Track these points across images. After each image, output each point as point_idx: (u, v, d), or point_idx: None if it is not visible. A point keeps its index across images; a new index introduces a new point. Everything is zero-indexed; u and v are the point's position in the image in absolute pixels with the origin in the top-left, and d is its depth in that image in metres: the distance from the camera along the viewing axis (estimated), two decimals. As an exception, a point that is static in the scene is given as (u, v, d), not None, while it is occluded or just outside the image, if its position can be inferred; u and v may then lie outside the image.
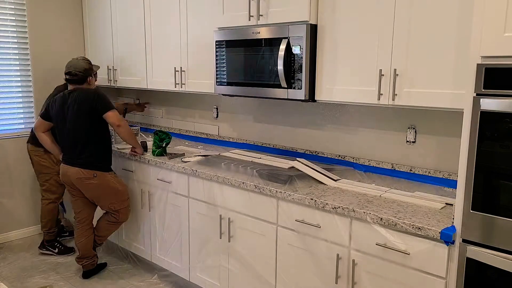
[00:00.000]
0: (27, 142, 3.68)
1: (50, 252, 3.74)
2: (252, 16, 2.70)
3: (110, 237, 3.74)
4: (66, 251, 3.76)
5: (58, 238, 3.84)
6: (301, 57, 2.47)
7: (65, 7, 4.20)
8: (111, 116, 3.07)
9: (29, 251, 3.83)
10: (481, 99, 1.66)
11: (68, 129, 3.10)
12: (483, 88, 1.66)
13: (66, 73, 3.20)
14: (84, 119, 3.06)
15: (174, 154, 3.21)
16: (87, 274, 3.36)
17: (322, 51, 2.49)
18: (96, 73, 3.54)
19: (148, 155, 3.27)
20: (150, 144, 3.47)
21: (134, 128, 3.76)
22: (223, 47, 2.88)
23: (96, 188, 3.14)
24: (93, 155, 3.11)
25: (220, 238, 2.78)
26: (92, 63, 4.13)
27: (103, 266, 3.51)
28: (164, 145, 3.23)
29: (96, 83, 4.29)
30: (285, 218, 2.40)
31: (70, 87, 3.26)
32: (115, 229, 3.38)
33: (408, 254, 1.93)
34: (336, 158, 2.88)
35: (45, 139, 3.28)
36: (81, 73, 3.19)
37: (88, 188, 3.14)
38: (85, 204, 3.28)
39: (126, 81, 3.89)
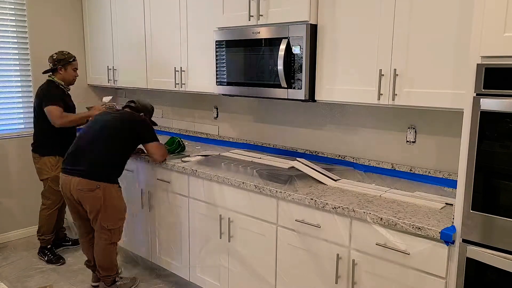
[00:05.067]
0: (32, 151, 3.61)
1: (41, 259, 3.65)
2: (252, 16, 2.70)
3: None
4: (55, 260, 3.58)
5: (50, 246, 3.67)
6: (301, 57, 2.47)
7: (65, 7, 4.20)
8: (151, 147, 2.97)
9: (29, 251, 3.83)
10: (481, 99, 1.66)
11: (97, 137, 2.86)
12: (483, 88, 1.66)
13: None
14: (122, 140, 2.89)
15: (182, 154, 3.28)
16: None
17: (322, 51, 2.49)
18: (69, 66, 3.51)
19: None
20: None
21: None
22: (223, 47, 2.88)
23: (96, 200, 2.82)
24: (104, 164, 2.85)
25: (220, 238, 2.78)
26: (92, 63, 4.15)
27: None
28: (176, 152, 3.32)
29: (97, 83, 4.31)
30: (285, 218, 2.40)
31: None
32: (113, 250, 3.00)
33: (408, 254, 1.93)
34: (336, 158, 2.88)
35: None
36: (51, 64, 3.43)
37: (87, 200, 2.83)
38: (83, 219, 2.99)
39: (126, 81, 3.89)
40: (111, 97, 3.64)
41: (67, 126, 3.43)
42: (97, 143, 2.84)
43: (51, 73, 3.50)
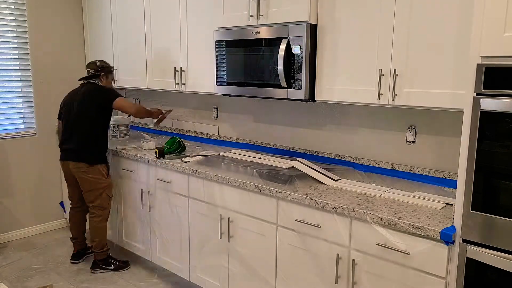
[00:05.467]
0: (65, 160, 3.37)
1: (106, 270, 3.48)
2: (252, 16, 2.70)
3: (110, 237, 3.75)
4: (124, 264, 3.53)
5: (109, 253, 3.55)
6: (301, 57, 2.47)
7: (65, 7, 4.20)
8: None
9: (29, 251, 3.83)
10: (481, 99, 1.66)
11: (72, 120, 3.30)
12: (483, 88, 1.66)
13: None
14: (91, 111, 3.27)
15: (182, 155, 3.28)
16: (93, 264, 3.48)
17: (322, 51, 2.49)
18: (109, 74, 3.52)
19: (148, 154, 3.28)
20: (150, 145, 3.50)
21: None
22: (223, 47, 2.88)
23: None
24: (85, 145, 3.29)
25: (220, 238, 2.78)
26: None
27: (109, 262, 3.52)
28: (176, 152, 3.32)
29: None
30: (285, 218, 2.40)
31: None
32: (100, 223, 3.39)
33: (408, 254, 1.93)
34: (336, 158, 2.88)
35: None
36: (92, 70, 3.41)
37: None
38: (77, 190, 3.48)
39: (126, 81, 3.89)
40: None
41: (142, 116, 3.48)
42: (75, 126, 3.28)
43: (92, 79, 3.38)
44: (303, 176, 2.56)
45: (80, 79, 3.45)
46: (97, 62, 3.43)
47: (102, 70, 3.41)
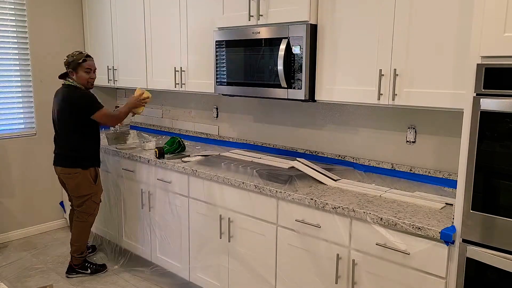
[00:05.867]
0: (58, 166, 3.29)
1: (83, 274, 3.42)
2: (252, 16, 2.70)
3: (111, 236, 3.75)
4: (101, 267, 3.47)
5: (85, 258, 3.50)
6: (301, 57, 2.47)
7: (65, 7, 4.20)
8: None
9: (29, 251, 3.83)
10: (481, 99, 1.66)
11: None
12: (483, 88, 1.66)
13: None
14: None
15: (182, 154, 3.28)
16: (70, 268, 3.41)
17: (322, 51, 2.49)
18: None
19: (148, 154, 3.28)
20: (150, 145, 3.50)
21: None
22: (223, 47, 2.88)
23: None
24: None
25: (220, 238, 2.78)
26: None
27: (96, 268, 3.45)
28: (176, 152, 3.31)
29: (97, 82, 4.31)
30: (285, 218, 2.40)
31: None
32: (83, 229, 3.32)
33: (408, 254, 1.93)
34: (336, 158, 2.88)
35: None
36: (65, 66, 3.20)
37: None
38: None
39: (126, 81, 3.89)
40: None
41: (123, 119, 3.30)
42: (59, 132, 3.25)
43: (66, 78, 3.22)
44: (303, 176, 2.56)
45: (59, 77, 3.27)
46: (66, 57, 3.17)
47: (68, 66, 3.16)
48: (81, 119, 3.14)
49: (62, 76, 3.27)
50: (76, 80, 3.17)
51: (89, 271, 3.40)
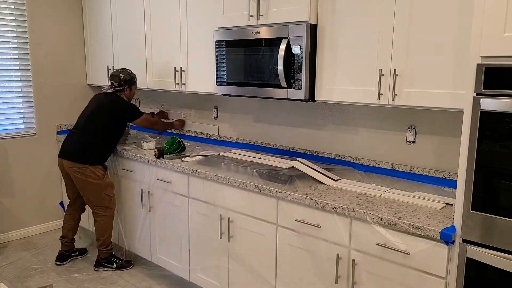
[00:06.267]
0: (63, 159, 3.36)
1: (109, 268, 3.51)
2: (252, 16, 2.70)
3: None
4: (127, 263, 3.54)
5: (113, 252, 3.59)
6: (301, 57, 2.47)
7: (65, 7, 4.20)
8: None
9: (29, 251, 3.83)
10: (481, 99, 1.66)
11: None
12: (483, 88, 1.66)
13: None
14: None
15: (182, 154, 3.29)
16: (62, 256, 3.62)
17: (322, 51, 2.49)
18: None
19: (148, 154, 3.28)
20: (150, 145, 3.50)
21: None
22: (223, 47, 2.88)
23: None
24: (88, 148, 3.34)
25: (220, 238, 2.78)
26: (92, 63, 4.12)
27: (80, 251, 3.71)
28: (176, 152, 3.32)
29: (97, 82, 4.31)
30: (285, 218, 2.40)
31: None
32: (104, 224, 3.41)
33: (408, 254, 1.93)
34: (336, 158, 2.88)
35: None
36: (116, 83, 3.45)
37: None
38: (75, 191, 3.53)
39: (126, 81, 3.89)
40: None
41: (160, 129, 3.77)
42: (85, 126, 3.34)
43: (117, 92, 3.41)
44: (303, 176, 2.56)
45: (105, 92, 3.42)
46: (121, 75, 3.40)
47: (125, 83, 3.43)
48: (120, 122, 3.38)
49: (114, 88, 3.44)
50: (127, 94, 3.47)
51: (114, 265, 3.51)
